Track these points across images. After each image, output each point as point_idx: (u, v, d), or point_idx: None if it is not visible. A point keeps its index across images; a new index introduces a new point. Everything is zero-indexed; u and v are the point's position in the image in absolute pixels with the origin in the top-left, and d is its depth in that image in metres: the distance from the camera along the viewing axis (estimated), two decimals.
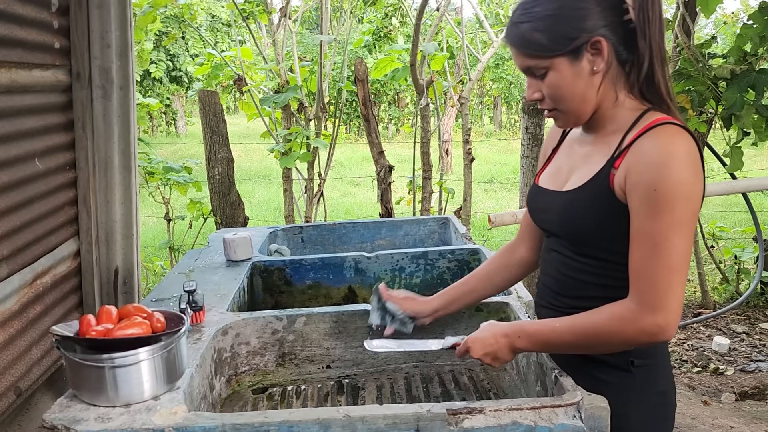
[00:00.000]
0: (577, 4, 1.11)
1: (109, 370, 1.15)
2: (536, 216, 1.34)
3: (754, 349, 3.92)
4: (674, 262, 1.07)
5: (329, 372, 1.68)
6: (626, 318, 1.10)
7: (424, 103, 4.22)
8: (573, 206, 1.20)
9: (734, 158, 3.05)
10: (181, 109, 17.66)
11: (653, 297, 1.08)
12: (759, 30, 2.81)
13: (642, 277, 1.09)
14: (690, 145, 1.08)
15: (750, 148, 3.35)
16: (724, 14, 7.55)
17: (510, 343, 1.23)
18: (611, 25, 1.12)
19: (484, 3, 7.03)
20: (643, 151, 1.09)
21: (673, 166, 1.05)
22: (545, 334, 1.20)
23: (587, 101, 1.16)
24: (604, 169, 1.15)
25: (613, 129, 1.18)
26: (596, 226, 1.17)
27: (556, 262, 1.29)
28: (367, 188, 9.25)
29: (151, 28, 4.55)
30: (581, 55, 1.12)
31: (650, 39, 1.12)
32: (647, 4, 1.11)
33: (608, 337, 1.13)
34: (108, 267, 2.30)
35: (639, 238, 1.10)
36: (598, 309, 1.15)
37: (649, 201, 1.07)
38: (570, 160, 1.28)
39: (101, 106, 2.16)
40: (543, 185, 1.32)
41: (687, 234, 1.08)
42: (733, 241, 5.15)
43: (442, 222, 2.66)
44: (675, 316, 1.09)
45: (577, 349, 1.20)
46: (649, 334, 1.10)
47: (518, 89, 15.99)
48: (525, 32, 1.14)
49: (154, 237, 6.59)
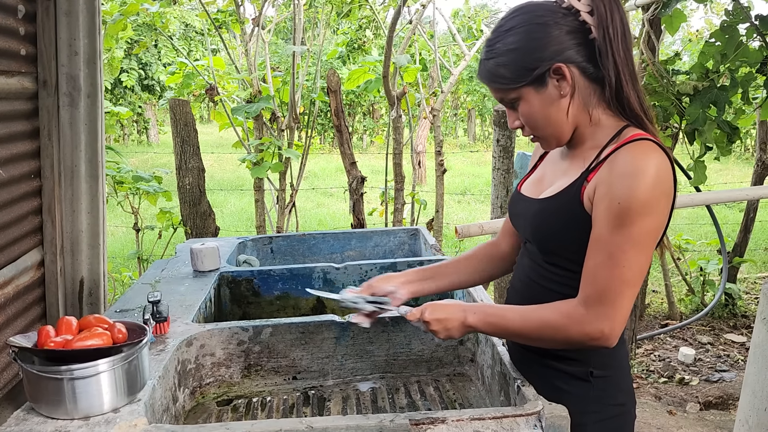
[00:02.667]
0: (535, 35, 1.14)
1: (67, 382, 1.14)
2: (514, 221, 1.38)
3: (719, 359, 4.00)
4: (627, 276, 1.10)
5: (295, 383, 1.67)
6: (573, 317, 1.14)
7: (396, 115, 4.25)
8: (543, 214, 1.23)
9: (698, 172, 3.12)
10: (153, 117, 17.48)
11: (601, 305, 1.11)
12: (720, 48, 2.89)
13: (593, 283, 1.12)
14: (661, 162, 1.10)
15: (714, 163, 3.45)
16: (689, 32, 7.74)
17: (463, 318, 1.25)
18: (576, 47, 1.15)
19: (456, 17, 7.11)
20: (614, 165, 1.11)
21: (641, 182, 1.07)
22: (497, 316, 1.24)
23: (561, 124, 1.19)
24: (577, 181, 1.18)
25: (591, 145, 1.21)
26: (562, 235, 1.20)
27: (526, 268, 1.32)
28: (339, 199, 9.25)
29: (122, 36, 4.50)
30: (545, 82, 1.15)
31: (614, 55, 1.14)
32: (606, 21, 1.14)
33: (552, 331, 1.17)
34: (73, 277, 2.26)
35: (596, 246, 1.12)
36: (547, 304, 1.19)
37: (611, 213, 1.09)
38: (552, 171, 1.32)
39: (68, 114, 2.14)
40: (524, 192, 1.36)
41: (645, 249, 1.10)
42: (699, 253, 5.26)
43: (412, 233, 2.67)
44: (620, 326, 1.13)
45: (522, 338, 1.24)
46: (592, 338, 1.13)
47: (492, 102, 16.15)
48: (491, 68, 1.19)
49: (122, 247, 6.49)
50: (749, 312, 4.68)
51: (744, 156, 14.17)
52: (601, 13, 1.13)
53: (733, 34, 2.85)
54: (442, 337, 1.28)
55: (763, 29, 2.84)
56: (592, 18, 1.14)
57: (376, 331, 1.68)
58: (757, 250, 6.41)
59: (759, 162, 4.56)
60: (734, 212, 8.19)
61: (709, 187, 5.59)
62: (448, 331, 1.27)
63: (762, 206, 5.95)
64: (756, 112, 3.79)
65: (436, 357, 1.75)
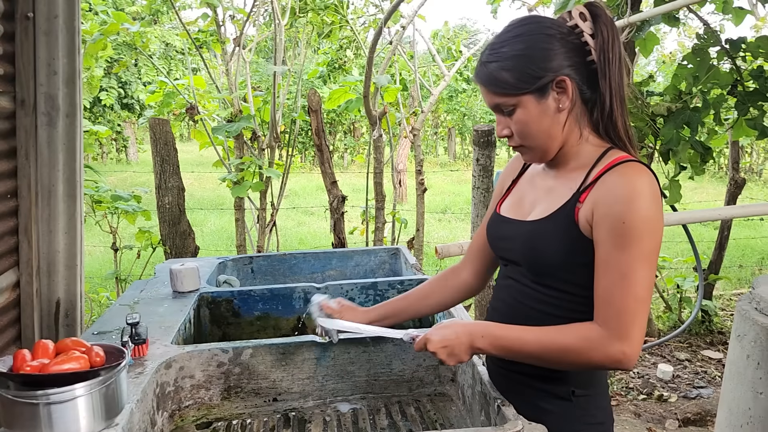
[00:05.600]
0: (543, 45, 1.16)
1: (43, 407, 1.12)
2: (497, 243, 1.36)
3: (696, 376, 4.05)
4: (640, 293, 1.11)
5: (276, 405, 1.66)
6: (594, 341, 1.13)
7: (377, 134, 4.27)
8: (537, 235, 1.23)
9: (673, 191, 3.18)
10: (132, 136, 17.36)
11: (620, 325, 1.11)
12: (693, 70, 2.97)
13: (609, 304, 1.12)
14: (653, 182, 1.13)
15: (689, 182, 3.52)
16: (663, 54, 7.92)
17: (471, 342, 1.22)
18: (575, 65, 1.17)
19: (436, 38, 7.20)
20: (611, 186, 1.13)
21: (641, 201, 1.10)
22: (511, 341, 1.20)
23: (553, 137, 1.20)
24: (570, 202, 1.19)
25: (576, 165, 1.23)
26: (558, 256, 1.20)
27: (511, 289, 1.32)
28: (320, 218, 9.24)
29: (101, 55, 4.49)
30: (547, 93, 1.17)
31: (610, 79, 1.17)
32: (607, 45, 1.17)
33: (574, 356, 1.15)
34: (49, 299, 2.23)
35: (606, 267, 1.13)
36: (564, 327, 1.17)
37: (617, 233, 1.10)
38: (532, 192, 1.32)
39: (46, 134, 2.12)
40: (505, 214, 1.35)
41: (652, 266, 1.12)
42: (675, 270, 5.33)
43: (393, 252, 2.68)
44: (639, 345, 1.12)
45: (537, 361, 1.21)
46: (614, 360, 1.12)
47: (471, 121, 16.34)
48: (493, 71, 1.18)
49: (100, 267, 6.40)
50: (725, 328, 4.74)
51: (718, 175, 14.46)
52: (604, 38, 1.17)
53: (705, 57, 2.92)
54: (451, 363, 1.24)
55: (733, 52, 2.93)
56: (593, 41, 1.17)
57: (357, 352, 1.68)
58: (731, 267, 6.52)
59: (732, 181, 4.66)
60: (709, 230, 8.33)
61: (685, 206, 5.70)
62: (456, 358, 1.23)
63: (736, 224, 6.07)
64: (728, 133, 3.88)
65: (417, 377, 1.75)
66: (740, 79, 2.94)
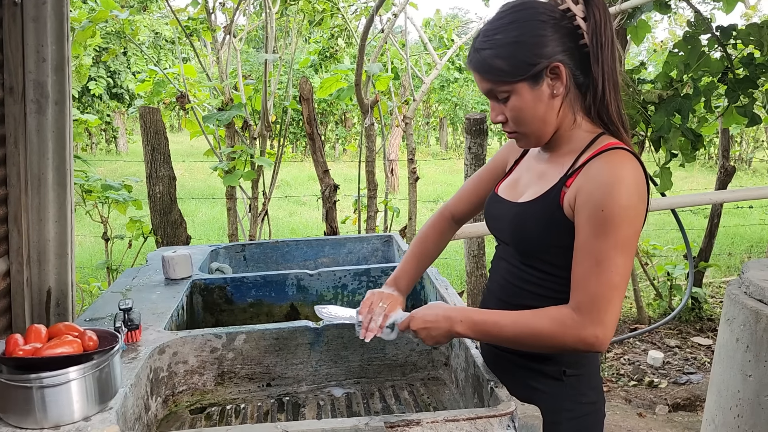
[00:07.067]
0: (536, 32, 1.16)
1: (37, 391, 1.12)
2: (490, 223, 1.39)
3: (686, 362, 4.09)
4: (615, 280, 1.12)
5: (269, 390, 1.66)
6: (567, 324, 1.15)
7: (369, 123, 4.26)
8: (523, 217, 1.25)
9: (664, 178, 3.19)
10: (122, 126, 17.22)
11: (594, 310, 1.13)
12: (684, 58, 2.97)
13: (584, 289, 1.14)
14: (637, 170, 1.14)
15: (679, 170, 3.55)
16: (654, 42, 7.93)
17: (450, 327, 1.25)
18: (568, 50, 1.17)
19: (428, 26, 7.18)
20: (594, 173, 1.14)
21: (621, 190, 1.11)
22: (488, 325, 1.23)
23: (548, 123, 1.21)
24: (556, 186, 1.21)
25: (568, 150, 1.24)
26: (542, 238, 1.22)
27: (503, 270, 1.35)
28: (312, 207, 9.23)
29: (90, 44, 4.44)
30: (541, 79, 1.17)
31: (603, 63, 1.18)
32: (600, 29, 1.17)
33: (548, 339, 1.17)
34: (40, 288, 2.22)
35: (583, 253, 1.14)
36: (539, 311, 1.19)
37: (596, 220, 1.12)
38: (527, 174, 1.33)
39: (35, 121, 2.10)
40: (501, 194, 1.37)
41: (628, 253, 1.13)
42: (666, 258, 5.38)
43: (386, 240, 2.68)
44: (611, 330, 1.14)
45: (513, 344, 1.24)
46: (587, 344, 1.14)
47: (463, 110, 16.32)
48: (487, 58, 1.18)
49: (91, 257, 6.37)
50: (714, 315, 4.79)
51: (708, 164, 14.54)
52: (597, 20, 1.16)
53: (696, 44, 2.93)
54: (429, 343, 1.30)
55: (723, 40, 2.93)
56: (585, 24, 1.17)
57: (351, 336, 1.69)
58: (721, 255, 6.57)
59: (722, 169, 4.69)
60: (699, 218, 8.38)
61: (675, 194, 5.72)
62: (434, 339, 1.29)
63: (725, 212, 6.11)
64: (718, 121, 3.90)
65: (411, 361, 1.76)
66: (731, 67, 2.95)
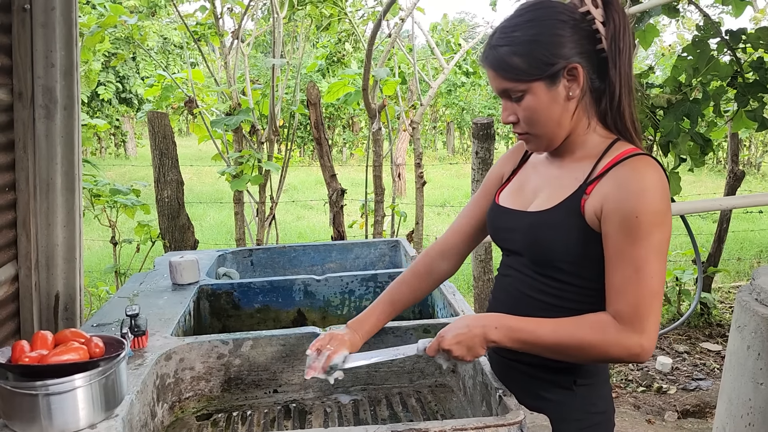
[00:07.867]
0: (555, 31, 1.14)
1: (42, 398, 1.11)
2: (499, 235, 1.34)
3: (695, 368, 4.05)
4: (655, 287, 1.10)
5: (276, 396, 1.66)
6: (611, 335, 1.11)
7: (376, 127, 4.26)
8: (540, 227, 1.21)
9: (673, 183, 3.17)
10: (131, 130, 17.32)
11: (636, 319, 1.10)
12: (693, 62, 2.95)
13: (625, 298, 1.11)
14: (662, 176, 1.13)
15: (688, 174, 3.52)
16: (662, 46, 7.89)
17: (485, 333, 1.18)
18: (586, 53, 1.15)
19: (435, 31, 7.18)
20: (622, 181, 1.12)
21: (653, 195, 1.09)
22: (526, 333, 1.17)
23: (561, 126, 1.19)
24: (576, 193, 1.18)
25: (582, 155, 1.21)
26: (562, 247, 1.18)
27: (513, 280, 1.30)
28: (320, 212, 9.23)
29: (99, 49, 4.47)
30: (558, 80, 1.14)
31: (620, 68, 1.16)
32: (619, 34, 1.15)
33: (590, 349, 1.13)
34: (48, 292, 2.23)
35: (619, 260, 1.11)
36: (578, 320, 1.15)
37: (630, 227, 1.09)
38: (535, 180, 1.30)
39: (44, 126, 2.12)
40: (504, 204, 1.33)
41: (664, 259, 1.11)
42: (675, 263, 5.33)
43: (393, 245, 2.68)
44: (654, 338, 1.11)
45: (551, 354, 1.18)
46: (632, 354, 1.11)
47: (470, 114, 16.30)
48: (504, 56, 1.16)
49: (99, 261, 6.40)
50: (724, 321, 4.75)
51: (716, 168, 14.45)
52: (616, 25, 1.15)
53: (705, 48, 2.91)
54: (468, 359, 1.21)
55: (732, 44, 2.92)
56: (605, 28, 1.15)
57: None
58: (730, 260, 6.52)
59: (731, 173, 4.66)
60: (708, 223, 8.33)
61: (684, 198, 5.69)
62: (471, 351, 1.20)
63: (734, 217, 6.07)
64: (727, 125, 3.87)
65: (418, 368, 1.75)
66: (740, 71, 2.93)
